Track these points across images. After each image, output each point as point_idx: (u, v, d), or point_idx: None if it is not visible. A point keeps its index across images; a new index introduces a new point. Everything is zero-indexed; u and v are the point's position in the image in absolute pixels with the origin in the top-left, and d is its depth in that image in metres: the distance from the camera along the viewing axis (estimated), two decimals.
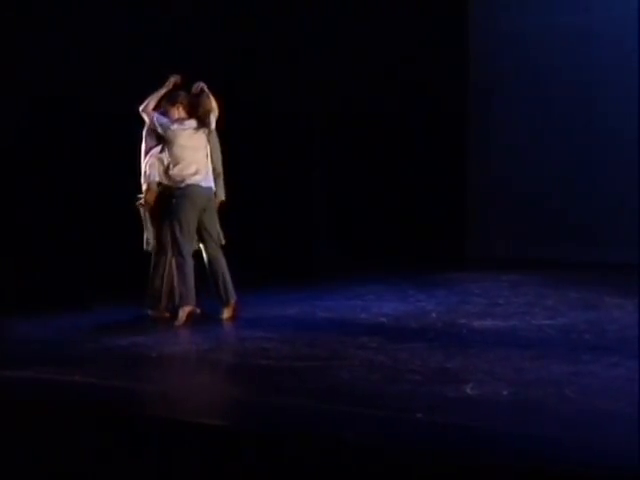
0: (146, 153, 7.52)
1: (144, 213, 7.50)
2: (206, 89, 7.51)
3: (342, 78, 10.73)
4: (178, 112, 7.48)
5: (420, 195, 11.02)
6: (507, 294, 8.70)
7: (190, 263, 7.37)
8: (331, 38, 10.64)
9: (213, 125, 7.56)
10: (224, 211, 7.68)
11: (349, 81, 10.77)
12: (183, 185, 7.39)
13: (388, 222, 10.87)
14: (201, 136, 7.48)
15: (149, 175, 7.46)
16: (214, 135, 7.63)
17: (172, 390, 5.69)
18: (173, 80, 7.52)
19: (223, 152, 7.76)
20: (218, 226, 7.56)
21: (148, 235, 7.52)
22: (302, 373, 5.88)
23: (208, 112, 7.46)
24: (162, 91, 7.49)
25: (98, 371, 5.93)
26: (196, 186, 7.41)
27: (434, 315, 7.73)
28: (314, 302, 8.33)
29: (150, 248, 7.52)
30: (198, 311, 7.45)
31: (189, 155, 7.41)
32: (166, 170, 7.44)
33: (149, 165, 7.48)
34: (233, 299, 7.49)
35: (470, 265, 10.50)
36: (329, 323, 7.51)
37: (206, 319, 7.46)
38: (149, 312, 7.60)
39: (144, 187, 7.49)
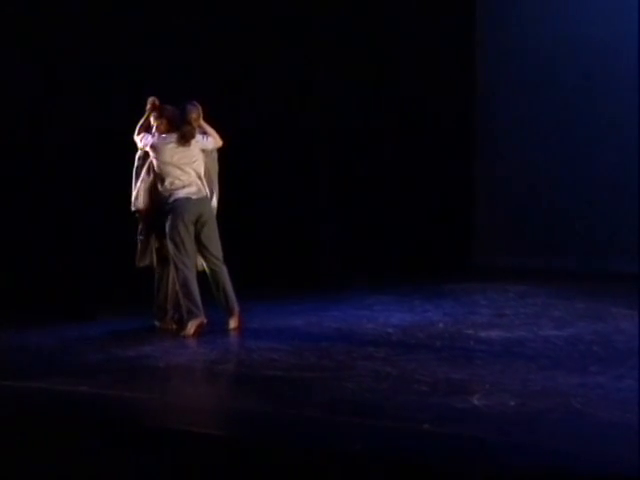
0: (137, 176, 7.54)
1: (141, 231, 7.56)
2: (198, 106, 7.45)
3: (348, 86, 10.74)
4: (163, 126, 7.44)
5: (426, 205, 11.01)
6: (514, 305, 8.68)
7: (192, 277, 7.33)
8: (336, 44, 10.65)
9: (208, 145, 7.48)
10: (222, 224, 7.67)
11: (353, 88, 10.78)
12: (171, 200, 7.34)
13: (394, 232, 10.86)
14: (186, 149, 7.40)
15: (137, 201, 7.48)
16: (212, 157, 7.59)
17: (179, 401, 5.69)
18: (151, 100, 7.51)
19: (230, 162, 7.75)
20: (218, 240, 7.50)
21: (141, 251, 7.57)
22: (309, 384, 5.88)
23: (190, 123, 7.37)
24: (145, 115, 7.51)
25: (105, 381, 5.94)
26: (185, 199, 7.33)
27: (441, 325, 7.72)
28: (321, 312, 8.33)
29: (147, 263, 7.54)
30: (205, 321, 7.45)
31: (173, 170, 7.35)
32: (153, 188, 7.42)
33: (138, 189, 7.49)
34: (236, 309, 7.49)
35: (477, 275, 10.48)
36: (336, 333, 7.50)
37: (213, 329, 7.45)
38: (156, 323, 7.63)
39: (133, 209, 7.53)
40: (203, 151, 7.51)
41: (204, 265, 7.48)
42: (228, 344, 7.24)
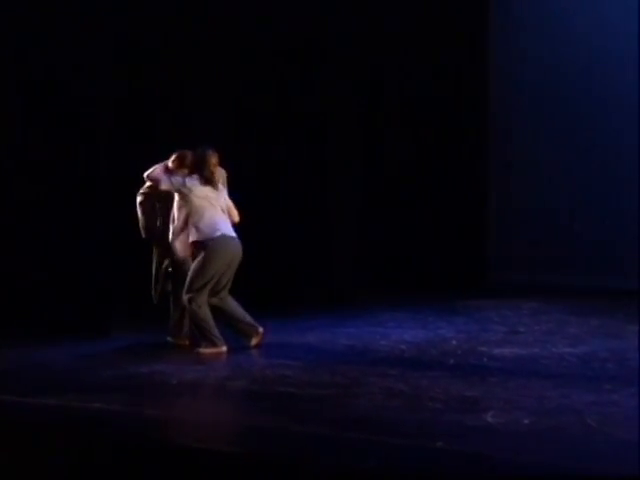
0: (142, 209, 7.58)
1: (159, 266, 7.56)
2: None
3: (363, 100, 10.75)
4: (183, 172, 7.43)
5: (440, 222, 11.00)
6: (528, 322, 8.66)
7: (205, 310, 7.27)
8: (350, 59, 10.68)
9: (225, 199, 7.51)
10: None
11: (369, 106, 10.79)
12: (214, 237, 7.27)
13: (408, 249, 10.85)
14: (215, 192, 7.40)
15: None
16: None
17: (192, 417, 5.68)
18: (181, 156, 7.49)
19: (244, 176, 7.76)
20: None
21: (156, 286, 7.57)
22: (322, 401, 5.86)
23: (210, 168, 7.37)
24: (167, 162, 7.49)
25: (118, 398, 5.93)
26: (228, 240, 7.32)
27: (454, 343, 7.70)
28: (334, 329, 8.32)
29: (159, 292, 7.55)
30: (225, 350, 7.40)
31: (210, 207, 7.33)
32: (192, 226, 7.34)
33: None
34: (260, 328, 7.42)
35: (490, 292, 10.45)
36: (349, 350, 7.49)
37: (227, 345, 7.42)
38: (169, 339, 7.62)
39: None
40: None
41: (213, 302, 7.37)
42: (241, 361, 7.22)
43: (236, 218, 7.56)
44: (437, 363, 6.95)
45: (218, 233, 7.31)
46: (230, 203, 7.56)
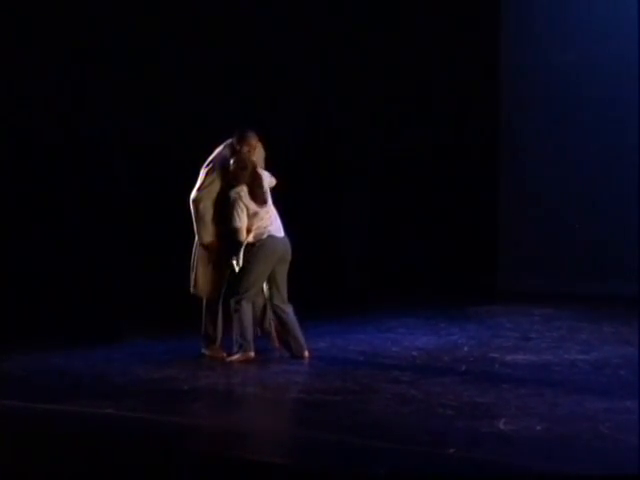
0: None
1: (200, 256, 7.37)
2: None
3: (373, 109, 10.77)
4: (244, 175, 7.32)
5: (452, 228, 11.00)
6: (540, 328, 8.63)
7: (249, 311, 7.25)
8: (361, 68, 10.70)
9: (272, 182, 7.52)
10: None
11: (379, 114, 10.81)
12: (262, 239, 7.24)
13: (419, 255, 10.84)
14: (261, 201, 7.35)
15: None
16: None
17: (203, 423, 5.69)
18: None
19: None
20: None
21: (195, 277, 7.38)
22: (333, 407, 5.86)
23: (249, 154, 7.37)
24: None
25: (130, 404, 5.94)
26: (273, 237, 7.28)
27: (466, 349, 7.69)
28: (345, 335, 8.31)
29: (194, 291, 7.41)
30: (252, 356, 7.41)
31: (257, 213, 7.29)
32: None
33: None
34: (306, 352, 7.29)
35: (502, 299, 10.42)
36: (360, 356, 7.48)
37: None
38: (204, 351, 7.45)
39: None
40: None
41: (268, 308, 7.34)
42: (252, 367, 7.22)
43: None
44: (449, 369, 6.93)
45: (264, 236, 7.27)
46: (272, 180, 7.49)
